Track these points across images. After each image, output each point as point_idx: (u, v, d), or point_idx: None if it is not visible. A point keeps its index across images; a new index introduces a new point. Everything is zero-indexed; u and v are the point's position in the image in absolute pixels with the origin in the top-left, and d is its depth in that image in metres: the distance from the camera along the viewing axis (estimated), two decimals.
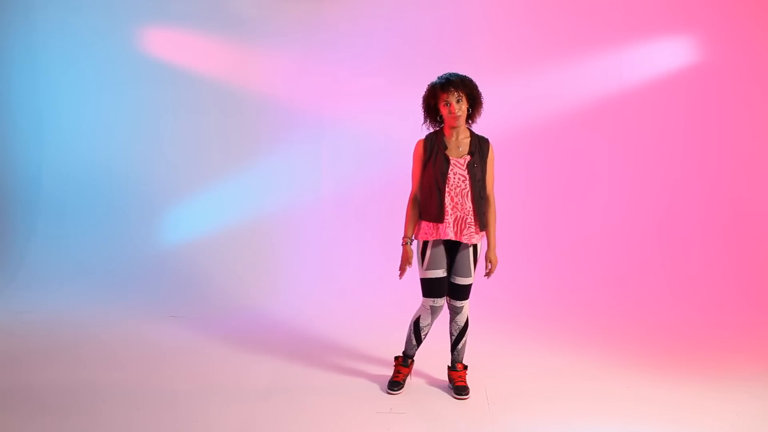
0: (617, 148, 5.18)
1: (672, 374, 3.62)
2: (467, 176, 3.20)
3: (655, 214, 5.14)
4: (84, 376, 3.59)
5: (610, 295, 4.86)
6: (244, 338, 4.23)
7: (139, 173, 5.49)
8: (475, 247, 3.27)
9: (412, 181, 3.33)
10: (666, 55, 5.09)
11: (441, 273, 3.24)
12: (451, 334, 3.40)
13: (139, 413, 3.14)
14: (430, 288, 3.26)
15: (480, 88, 3.23)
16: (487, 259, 3.31)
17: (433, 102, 3.21)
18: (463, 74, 3.20)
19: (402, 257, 3.30)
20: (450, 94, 3.14)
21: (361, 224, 5.27)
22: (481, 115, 3.28)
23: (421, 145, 3.28)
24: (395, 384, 3.40)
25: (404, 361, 3.48)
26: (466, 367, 3.45)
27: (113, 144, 5.50)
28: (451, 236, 3.19)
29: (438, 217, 3.20)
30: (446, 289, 3.28)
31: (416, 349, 3.46)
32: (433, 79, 3.24)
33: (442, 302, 3.30)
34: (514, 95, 5.13)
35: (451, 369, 3.44)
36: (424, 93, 3.25)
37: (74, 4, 5.43)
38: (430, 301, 3.28)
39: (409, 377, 3.50)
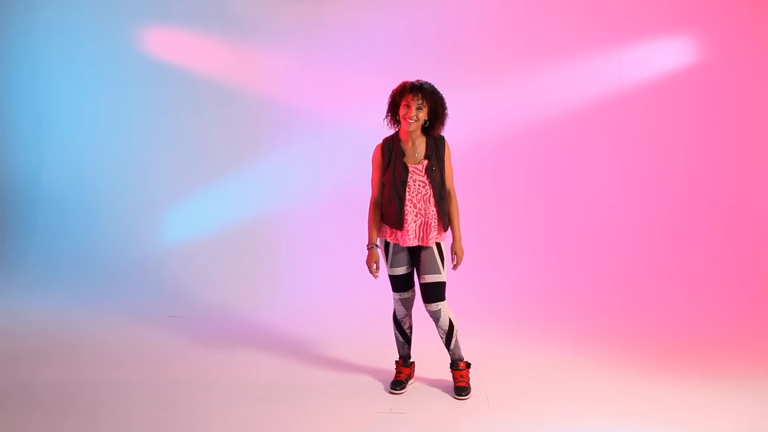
0: (617, 147, 5.17)
1: (672, 374, 3.62)
2: (427, 181, 3.24)
3: (655, 214, 5.14)
4: (84, 376, 3.59)
5: (610, 294, 4.86)
6: (244, 338, 4.23)
7: (139, 173, 5.49)
8: (438, 245, 3.30)
9: (372, 186, 3.39)
10: (666, 55, 5.09)
11: (403, 270, 3.35)
12: (441, 338, 3.40)
13: (139, 413, 3.14)
14: (395, 284, 3.39)
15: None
16: (453, 251, 3.37)
17: (398, 98, 3.25)
18: (437, 89, 3.23)
19: (367, 261, 3.38)
20: (415, 98, 3.18)
21: (360, 224, 5.23)
22: (442, 131, 3.30)
23: (379, 150, 3.33)
24: (397, 383, 3.40)
25: (404, 362, 3.48)
26: (469, 365, 3.43)
27: (113, 144, 5.50)
28: (410, 243, 3.25)
29: (398, 224, 3.25)
30: (411, 282, 3.39)
31: (408, 348, 3.48)
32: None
33: (408, 294, 3.40)
34: (514, 95, 5.14)
35: (453, 368, 3.43)
36: (394, 87, 3.28)
37: (74, 4, 5.43)
38: (397, 295, 3.41)
39: (412, 379, 3.50)
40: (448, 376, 3.50)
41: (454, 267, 3.39)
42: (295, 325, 4.50)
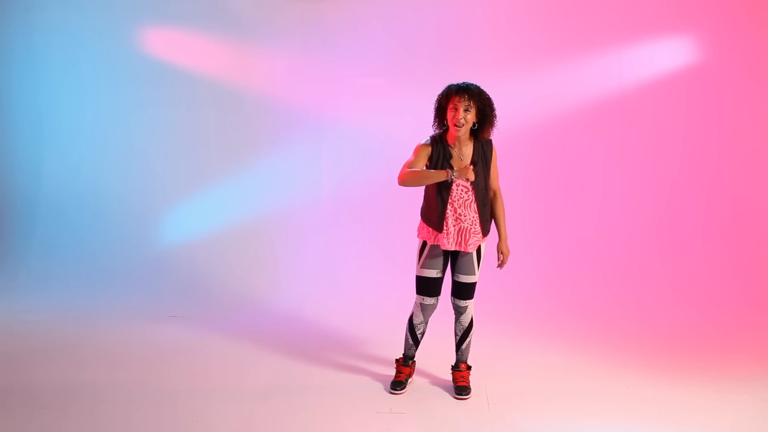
0: (617, 147, 5.18)
1: (672, 374, 3.62)
2: (470, 187, 3.19)
3: (655, 214, 5.15)
4: (84, 376, 3.59)
5: (610, 295, 4.86)
6: (244, 338, 4.23)
7: (139, 173, 5.49)
8: (478, 248, 3.27)
9: (404, 165, 3.19)
10: (666, 55, 5.09)
11: (435, 273, 3.27)
12: (456, 334, 3.41)
13: (139, 413, 3.14)
14: (422, 286, 3.30)
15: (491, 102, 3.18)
16: (499, 250, 3.34)
17: (444, 102, 3.18)
18: (484, 90, 3.16)
19: (462, 172, 3.13)
20: (462, 100, 3.11)
21: (361, 224, 5.28)
22: (491, 135, 3.22)
23: (429, 145, 3.21)
24: (397, 384, 3.39)
25: (405, 362, 3.48)
26: (469, 368, 3.45)
27: (113, 144, 5.50)
28: (449, 247, 3.21)
29: (437, 226, 3.21)
30: (439, 290, 3.31)
31: (415, 350, 3.47)
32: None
33: (433, 302, 3.32)
34: (514, 95, 5.12)
35: (455, 369, 3.44)
36: (441, 91, 3.21)
37: (74, 4, 5.43)
38: (420, 299, 3.32)
39: (411, 379, 3.50)
40: (448, 376, 3.50)
41: (500, 266, 3.37)
42: (295, 325, 4.50)
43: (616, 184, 5.19)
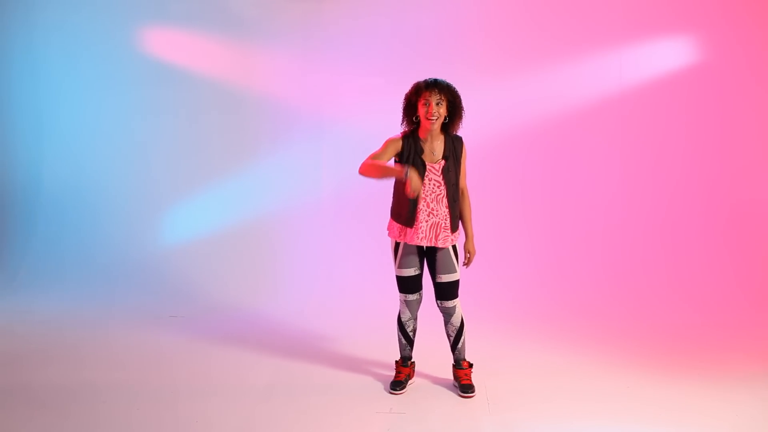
0: (617, 147, 5.17)
1: (672, 374, 3.62)
2: (442, 182, 3.23)
3: (655, 214, 5.14)
4: (84, 376, 3.59)
5: (610, 294, 4.86)
6: (244, 338, 4.23)
7: (138, 173, 5.49)
8: (454, 246, 3.31)
9: (369, 156, 3.14)
10: (666, 55, 5.09)
11: (413, 271, 3.32)
12: (449, 336, 3.41)
13: (139, 413, 3.14)
14: (402, 284, 3.36)
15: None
16: (466, 249, 3.38)
17: (414, 99, 3.21)
18: (452, 84, 3.21)
19: (410, 183, 2.95)
20: (432, 94, 3.15)
21: (361, 224, 5.27)
22: (460, 128, 3.28)
23: (400, 138, 3.24)
24: (397, 384, 3.40)
25: (404, 363, 3.49)
26: (471, 365, 3.45)
27: (113, 144, 5.50)
28: (420, 243, 3.23)
29: (408, 221, 3.24)
30: (419, 285, 3.37)
31: (410, 350, 3.48)
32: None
33: (416, 297, 3.38)
34: (514, 95, 5.14)
35: (456, 367, 3.44)
36: (407, 91, 3.25)
37: (74, 4, 5.43)
38: (403, 296, 3.38)
39: (412, 380, 3.50)
40: (448, 375, 3.50)
41: (466, 264, 3.41)
42: (295, 325, 4.50)
43: (616, 184, 5.19)
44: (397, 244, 3.32)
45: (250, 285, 5.09)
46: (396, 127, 3.35)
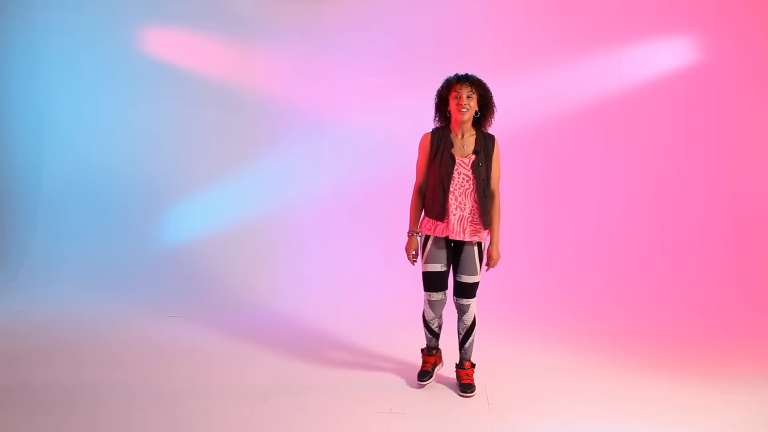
0: (617, 148, 5.18)
1: (672, 374, 3.62)
2: (471, 176, 3.22)
3: (655, 214, 5.14)
4: (84, 376, 3.59)
5: (610, 295, 4.86)
6: (244, 338, 4.23)
7: (138, 173, 5.48)
8: (479, 245, 3.30)
9: (417, 173, 3.35)
10: (666, 55, 5.09)
11: (439, 267, 3.30)
12: (459, 333, 3.42)
13: (139, 413, 3.14)
14: (428, 281, 3.34)
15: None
16: (489, 254, 3.35)
17: (445, 94, 3.24)
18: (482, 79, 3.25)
19: (406, 247, 3.35)
20: (463, 87, 3.18)
21: (361, 224, 5.27)
22: (492, 124, 3.30)
23: (428, 138, 3.30)
24: (424, 374, 3.42)
25: (429, 352, 3.50)
26: (474, 365, 3.45)
27: (113, 144, 5.49)
28: (449, 234, 3.23)
29: (440, 215, 3.23)
30: (445, 284, 3.34)
31: (436, 341, 3.50)
32: (438, 78, 3.28)
33: (440, 297, 3.34)
34: (514, 95, 5.11)
35: (459, 366, 3.44)
36: (439, 87, 3.29)
37: (74, 4, 5.43)
38: (427, 295, 3.36)
39: (439, 366, 3.53)
40: (449, 375, 3.50)
41: (487, 269, 3.39)
42: (295, 324, 4.50)
43: (616, 184, 5.19)
44: (426, 239, 3.31)
45: (250, 285, 5.09)
46: (396, 126, 3.36)
